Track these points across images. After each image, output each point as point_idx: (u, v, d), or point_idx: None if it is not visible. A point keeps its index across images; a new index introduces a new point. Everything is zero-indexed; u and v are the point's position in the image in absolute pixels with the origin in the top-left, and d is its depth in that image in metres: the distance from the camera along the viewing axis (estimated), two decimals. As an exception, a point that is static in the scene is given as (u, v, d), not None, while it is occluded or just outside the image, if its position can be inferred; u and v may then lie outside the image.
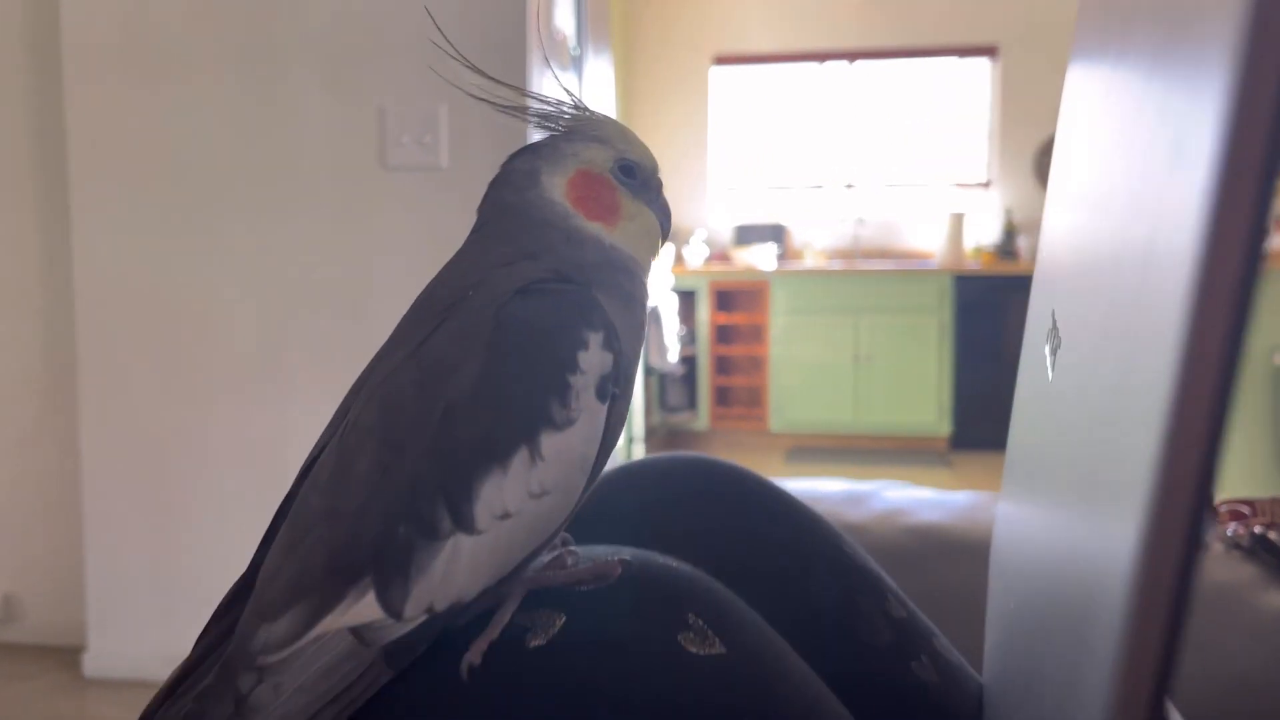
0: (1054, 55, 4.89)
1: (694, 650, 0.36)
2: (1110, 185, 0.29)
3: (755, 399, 4.95)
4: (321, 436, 0.39)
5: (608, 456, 0.38)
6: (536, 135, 0.45)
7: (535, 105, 0.42)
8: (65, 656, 2.17)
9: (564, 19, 2.58)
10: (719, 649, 0.36)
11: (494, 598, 0.37)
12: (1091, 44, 0.39)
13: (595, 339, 0.36)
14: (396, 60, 1.95)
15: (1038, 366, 0.40)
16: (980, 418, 4.62)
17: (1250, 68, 0.17)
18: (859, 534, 0.86)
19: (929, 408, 4.63)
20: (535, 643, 0.36)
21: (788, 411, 4.80)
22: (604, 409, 0.37)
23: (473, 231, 0.42)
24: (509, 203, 0.41)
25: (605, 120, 0.42)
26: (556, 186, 0.40)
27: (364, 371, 0.40)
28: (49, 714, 1.93)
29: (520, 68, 1.92)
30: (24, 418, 2.25)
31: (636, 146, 0.41)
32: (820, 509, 0.91)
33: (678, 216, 5.31)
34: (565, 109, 0.42)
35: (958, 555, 0.86)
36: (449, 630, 0.36)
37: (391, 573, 0.34)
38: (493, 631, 0.36)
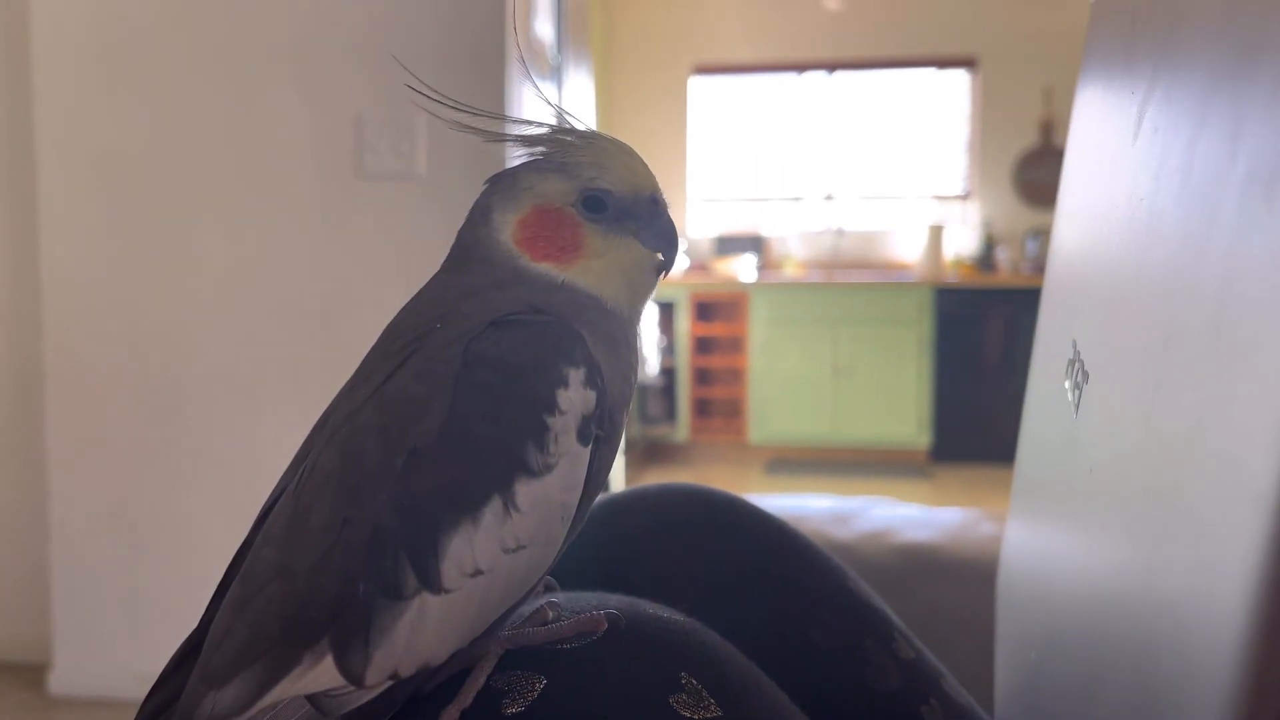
0: (1033, 67, 4.92)
1: (687, 715, 0.33)
2: (1154, 209, 0.27)
3: (735, 410, 4.94)
4: (280, 480, 0.36)
5: (591, 504, 0.35)
6: (515, 149, 0.42)
7: (515, 129, 0.38)
8: (30, 674, 2.12)
9: (543, 28, 2.56)
10: (715, 713, 0.33)
11: (466, 660, 0.33)
12: (1114, 54, 0.36)
13: (576, 375, 0.33)
14: (373, 67, 1.92)
15: (1055, 398, 0.37)
16: (960, 430, 4.62)
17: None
18: (846, 554, 0.84)
19: (908, 420, 4.63)
20: (512, 709, 0.32)
21: (767, 423, 4.79)
22: (586, 453, 0.33)
23: (443, 263, 0.39)
24: (465, 241, 0.38)
25: (583, 143, 0.38)
26: (506, 225, 0.37)
27: (326, 410, 0.36)
28: (12, 734, 1.89)
29: (499, 76, 1.90)
30: (-11, 430, 2.20)
31: (611, 173, 0.37)
32: (806, 528, 0.88)
33: (657, 227, 5.29)
34: (543, 132, 0.38)
35: (946, 575, 0.84)
36: (416, 697, 0.33)
37: (351, 635, 0.31)
38: (465, 698, 0.33)
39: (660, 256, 0.39)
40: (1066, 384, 0.35)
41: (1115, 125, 0.35)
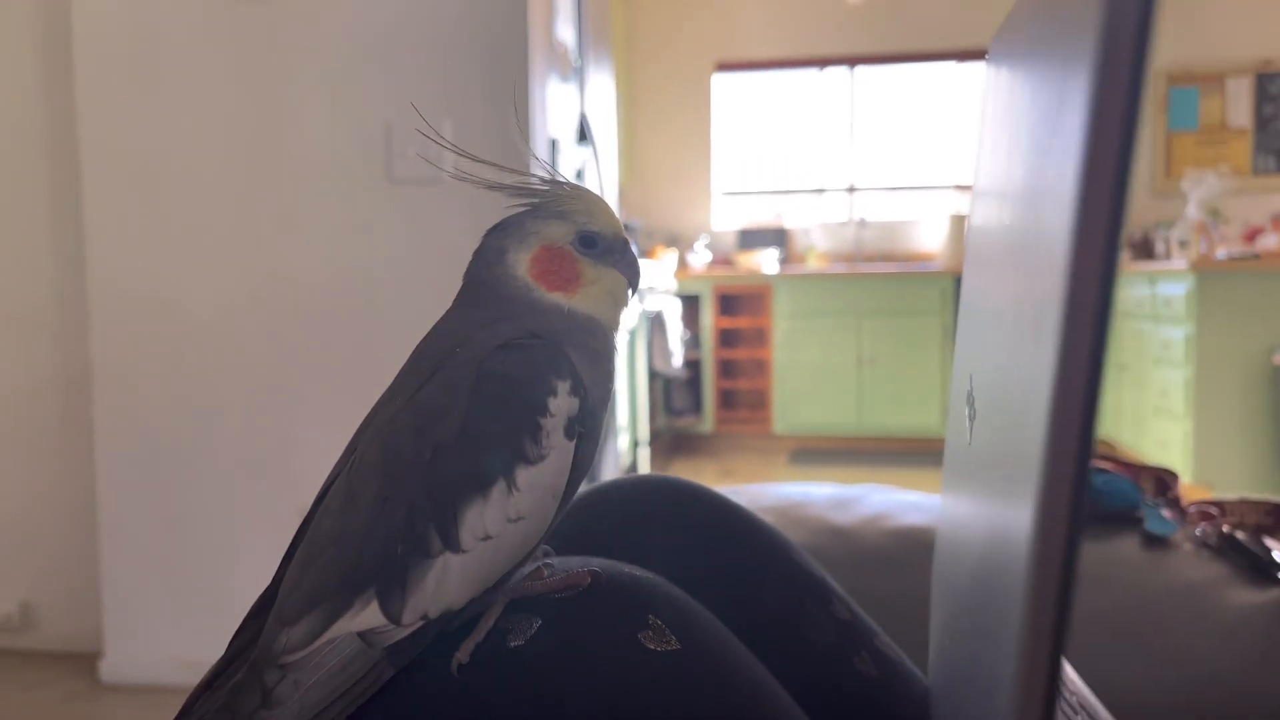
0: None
1: (652, 647, 0.42)
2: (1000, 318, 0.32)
3: (759, 402, 4.99)
4: (334, 468, 0.45)
5: (578, 485, 0.44)
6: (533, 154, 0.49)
7: (516, 181, 0.46)
8: (82, 663, 2.21)
9: (565, 30, 2.62)
10: (675, 645, 0.42)
11: (480, 605, 0.42)
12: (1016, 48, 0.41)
13: (563, 386, 0.42)
14: (402, 75, 1.99)
15: (959, 423, 0.43)
16: (983, 418, 4.64)
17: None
18: (845, 537, 0.90)
19: (932, 409, 4.66)
20: (515, 643, 0.41)
21: (791, 414, 4.83)
22: (571, 446, 0.42)
23: (456, 298, 0.47)
24: (482, 277, 0.46)
25: (572, 193, 0.46)
26: (520, 263, 0.45)
27: (369, 414, 0.45)
28: (67, 719, 1.98)
29: (522, 80, 1.96)
30: (40, 430, 2.30)
31: (598, 217, 0.46)
32: (808, 513, 0.95)
33: (682, 222, 5.35)
34: (536, 184, 0.46)
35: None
36: (442, 633, 0.42)
37: (392, 585, 0.40)
38: (479, 634, 0.42)
39: (628, 283, 0.47)
40: (965, 412, 0.40)
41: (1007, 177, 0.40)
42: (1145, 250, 4.83)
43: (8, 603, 2.31)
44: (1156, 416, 3.94)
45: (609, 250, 0.46)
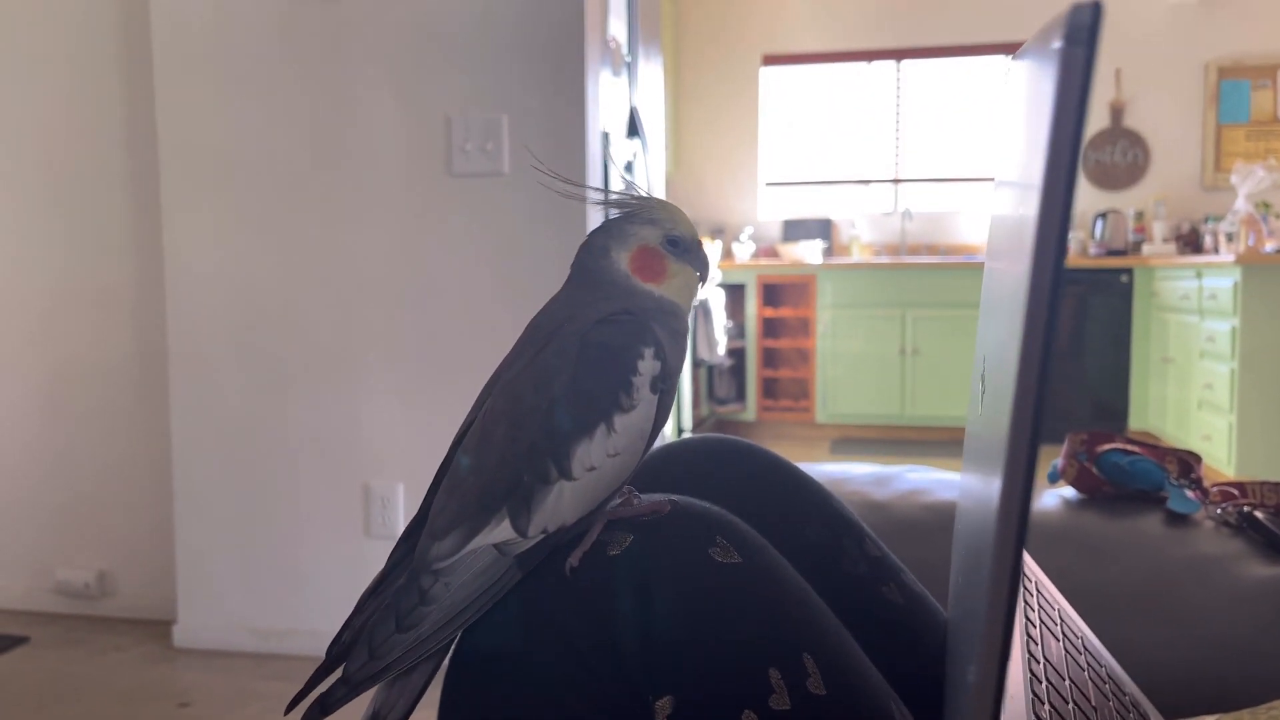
0: (1102, 49, 4.90)
1: (720, 559, 0.52)
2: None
3: (802, 391, 5.04)
4: (467, 417, 0.56)
5: (659, 431, 0.55)
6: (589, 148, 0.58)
7: (611, 197, 0.57)
8: (156, 629, 2.34)
9: (617, 26, 2.69)
10: (737, 559, 0.52)
11: (586, 524, 0.53)
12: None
13: (649, 352, 0.53)
14: (462, 71, 2.07)
15: (976, 396, 0.51)
16: (1026, 410, 4.65)
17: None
18: (882, 510, 0.97)
19: (975, 400, 4.68)
20: (613, 552, 0.52)
21: (834, 403, 4.88)
22: (655, 399, 0.53)
23: (566, 282, 0.58)
24: (589, 267, 0.57)
25: (660, 205, 0.57)
26: (622, 259, 0.56)
27: (494, 374, 0.56)
28: (142, 680, 2.10)
29: (579, 76, 2.04)
30: (118, 407, 2.42)
31: (681, 224, 0.57)
32: (849, 489, 1.02)
33: (728, 213, 5.40)
34: (630, 198, 0.57)
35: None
36: (557, 545, 0.52)
37: (520, 506, 0.51)
38: (585, 545, 0.52)
39: (699, 276, 0.58)
40: (980, 388, 0.48)
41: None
42: (1193, 244, 4.82)
43: (86, 571, 2.44)
44: (1201, 409, 3.95)
45: (686, 250, 0.57)
